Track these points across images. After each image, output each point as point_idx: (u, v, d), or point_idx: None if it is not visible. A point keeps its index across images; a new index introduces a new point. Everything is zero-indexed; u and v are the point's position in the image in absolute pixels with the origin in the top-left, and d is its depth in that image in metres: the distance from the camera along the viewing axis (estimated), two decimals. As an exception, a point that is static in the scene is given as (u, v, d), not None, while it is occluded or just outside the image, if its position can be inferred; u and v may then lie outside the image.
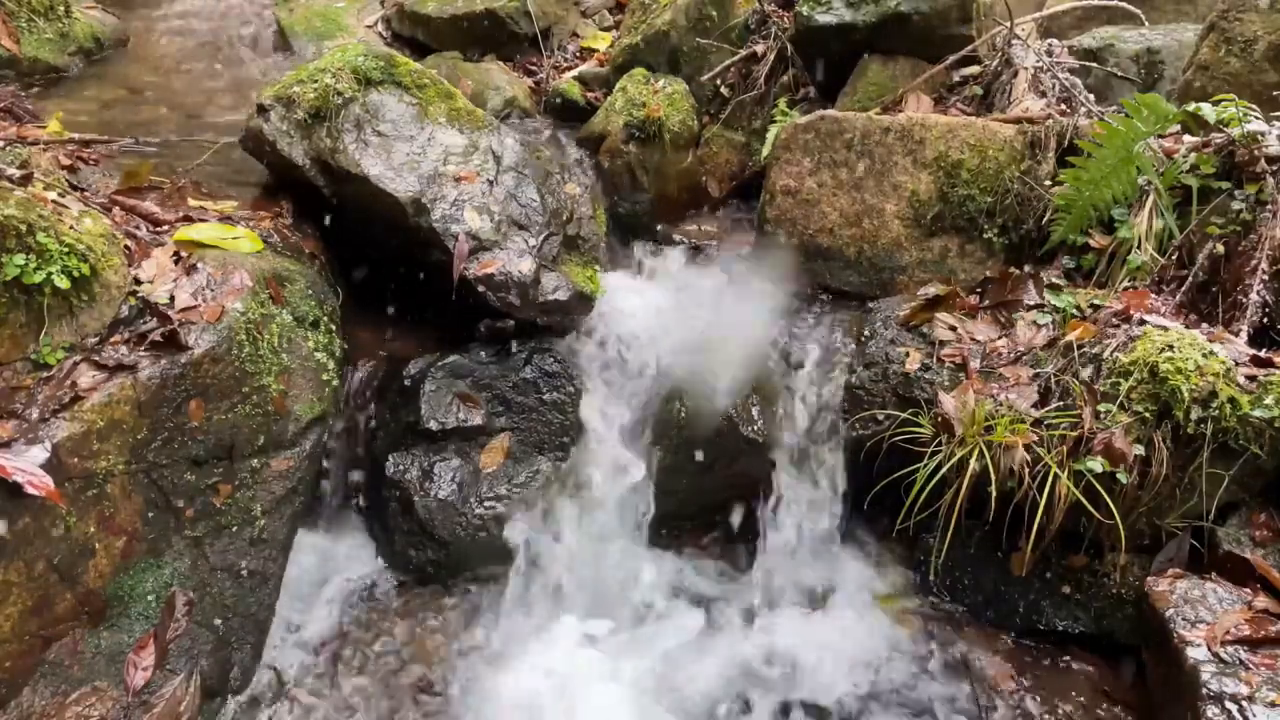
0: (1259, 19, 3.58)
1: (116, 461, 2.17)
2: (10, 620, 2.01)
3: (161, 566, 2.30)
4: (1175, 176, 3.02)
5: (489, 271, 2.91)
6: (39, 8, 4.14)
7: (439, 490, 2.88)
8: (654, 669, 2.74)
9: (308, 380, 2.59)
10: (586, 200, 3.30)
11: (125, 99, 3.99)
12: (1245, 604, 2.37)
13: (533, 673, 2.68)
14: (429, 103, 3.12)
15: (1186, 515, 2.58)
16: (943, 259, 3.30)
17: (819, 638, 2.82)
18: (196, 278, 2.41)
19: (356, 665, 2.65)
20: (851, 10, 3.67)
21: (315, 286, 2.73)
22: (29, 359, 2.13)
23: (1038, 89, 3.51)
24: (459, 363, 3.01)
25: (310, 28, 4.91)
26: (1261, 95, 3.38)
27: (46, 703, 2.09)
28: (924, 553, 2.93)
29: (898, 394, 2.89)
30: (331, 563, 2.92)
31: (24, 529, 2.00)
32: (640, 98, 3.99)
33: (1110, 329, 2.73)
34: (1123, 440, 2.50)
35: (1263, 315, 2.77)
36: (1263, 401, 2.43)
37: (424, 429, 2.92)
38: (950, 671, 2.70)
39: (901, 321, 3.03)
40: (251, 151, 3.00)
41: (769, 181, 3.47)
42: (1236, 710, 2.12)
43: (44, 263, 2.11)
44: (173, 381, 2.24)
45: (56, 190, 2.43)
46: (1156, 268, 2.96)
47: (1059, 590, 2.77)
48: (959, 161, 3.24)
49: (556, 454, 2.98)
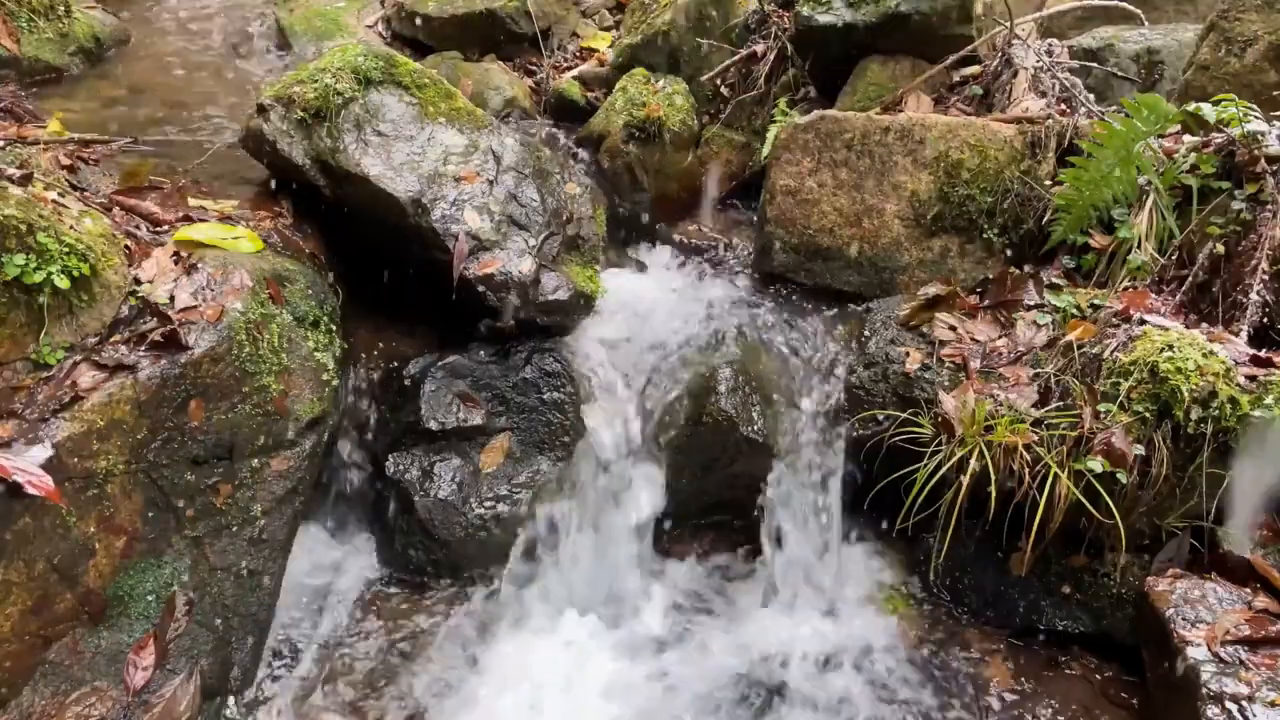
0: (1259, 19, 3.57)
1: (116, 461, 2.17)
2: (10, 620, 2.01)
3: (161, 566, 2.30)
4: (1175, 176, 3.02)
5: (489, 271, 2.91)
6: (39, 7, 4.14)
7: (439, 490, 2.88)
8: (654, 668, 2.74)
9: (308, 380, 2.59)
10: (586, 200, 3.30)
11: (125, 99, 3.99)
12: (1245, 604, 2.37)
13: (532, 672, 2.68)
14: (429, 103, 3.12)
15: (1186, 515, 2.58)
16: (943, 259, 3.30)
17: (818, 637, 2.82)
18: (196, 278, 2.41)
19: (356, 665, 2.65)
20: (851, 10, 3.67)
21: (315, 286, 2.73)
22: (29, 359, 2.13)
23: (1038, 89, 3.52)
24: (459, 363, 3.01)
25: (310, 27, 4.91)
26: (1261, 95, 3.38)
27: (46, 702, 2.09)
28: (924, 553, 2.93)
29: (898, 394, 2.89)
30: (331, 563, 2.92)
31: (24, 529, 2.00)
32: (640, 98, 3.99)
33: (1110, 329, 2.73)
34: (1123, 440, 2.50)
35: (1263, 315, 2.77)
36: (1263, 401, 2.43)
37: (424, 429, 2.92)
38: (950, 671, 2.70)
39: (901, 321, 3.03)
40: (251, 151, 3.00)
41: (769, 181, 3.47)
42: (1236, 710, 2.12)
43: (44, 263, 2.11)
44: (173, 381, 2.24)
45: (56, 190, 2.42)
46: (1156, 268, 2.97)
47: (1059, 590, 2.77)
48: (959, 161, 3.25)
49: (557, 454, 2.98)
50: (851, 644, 2.79)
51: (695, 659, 2.77)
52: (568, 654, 2.76)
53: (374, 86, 3.03)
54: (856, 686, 2.67)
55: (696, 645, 2.82)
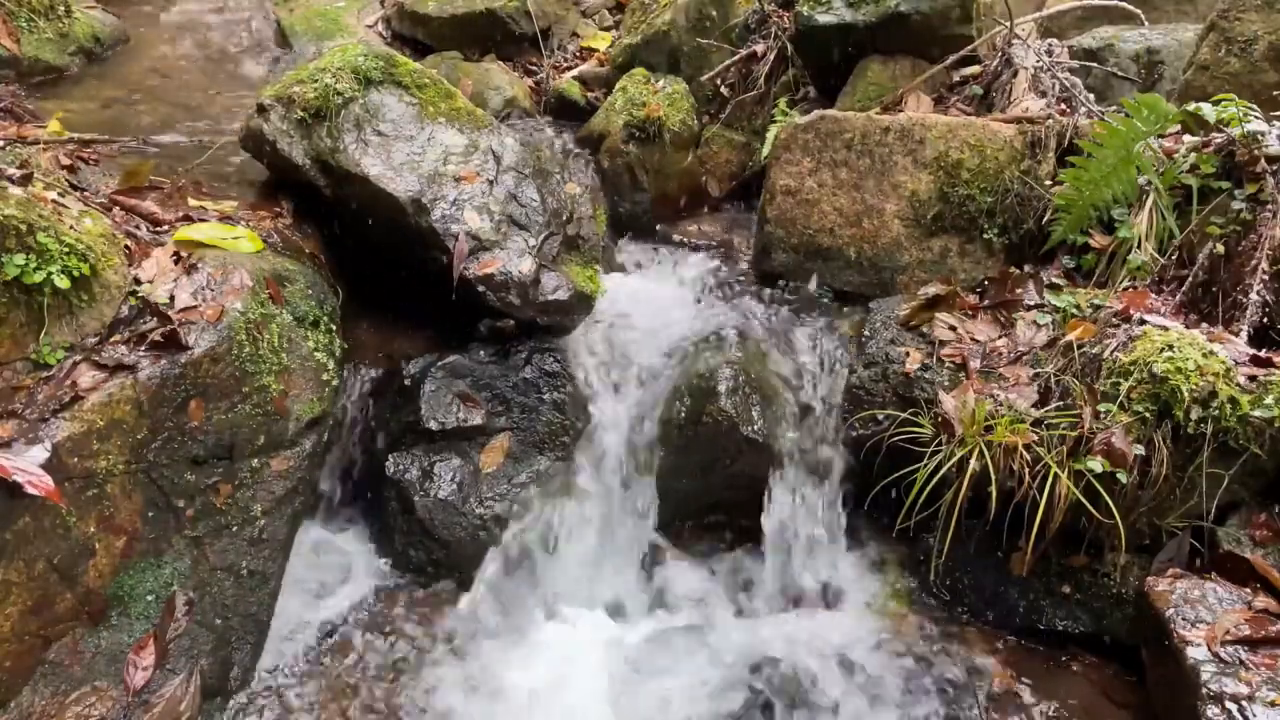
0: (1259, 19, 3.58)
1: (116, 461, 2.17)
2: (10, 620, 2.01)
3: (161, 566, 2.30)
4: (1175, 176, 3.02)
5: (489, 271, 2.91)
6: (39, 7, 4.14)
7: (439, 490, 2.88)
8: (653, 668, 2.74)
9: (307, 380, 2.59)
10: (586, 200, 3.30)
11: (125, 99, 3.99)
12: (1245, 604, 2.37)
13: (531, 672, 2.68)
14: (429, 103, 3.12)
15: (1186, 515, 2.58)
16: (943, 259, 3.30)
17: (818, 637, 2.82)
18: (196, 278, 2.41)
19: (356, 665, 2.64)
20: (851, 10, 3.67)
21: (315, 286, 2.73)
22: (29, 359, 2.13)
23: (1038, 89, 3.52)
24: (459, 363, 3.01)
25: (310, 27, 4.91)
26: (1261, 95, 3.38)
27: (46, 702, 2.09)
28: (924, 552, 2.93)
29: (898, 394, 2.89)
30: (331, 562, 2.92)
31: (24, 529, 2.00)
32: (640, 97, 4.00)
33: (1110, 329, 2.73)
34: (1123, 440, 2.50)
35: (1263, 315, 2.77)
36: (1263, 401, 2.43)
37: (424, 429, 2.92)
38: (950, 671, 2.70)
39: (901, 321, 3.03)
40: (251, 151, 3.01)
41: (769, 181, 3.47)
42: (1236, 710, 2.12)
43: (44, 263, 2.11)
44: (173, 381, 2.24)
45: (56, 190, 2.43)
46: (1156, 268, 2.96)
47: (1059, 590, 2.77)
48: (959, 161, 3.25)
49: (557, 454, 2.98)
50: (852, 643, 2.79)
51: (694, 659, 2.77)
52: (567, 653, 2.76)
53: (374, 86, 3.03)
54: (856, 686, 2.67)
55: (696, 645, 2.82)
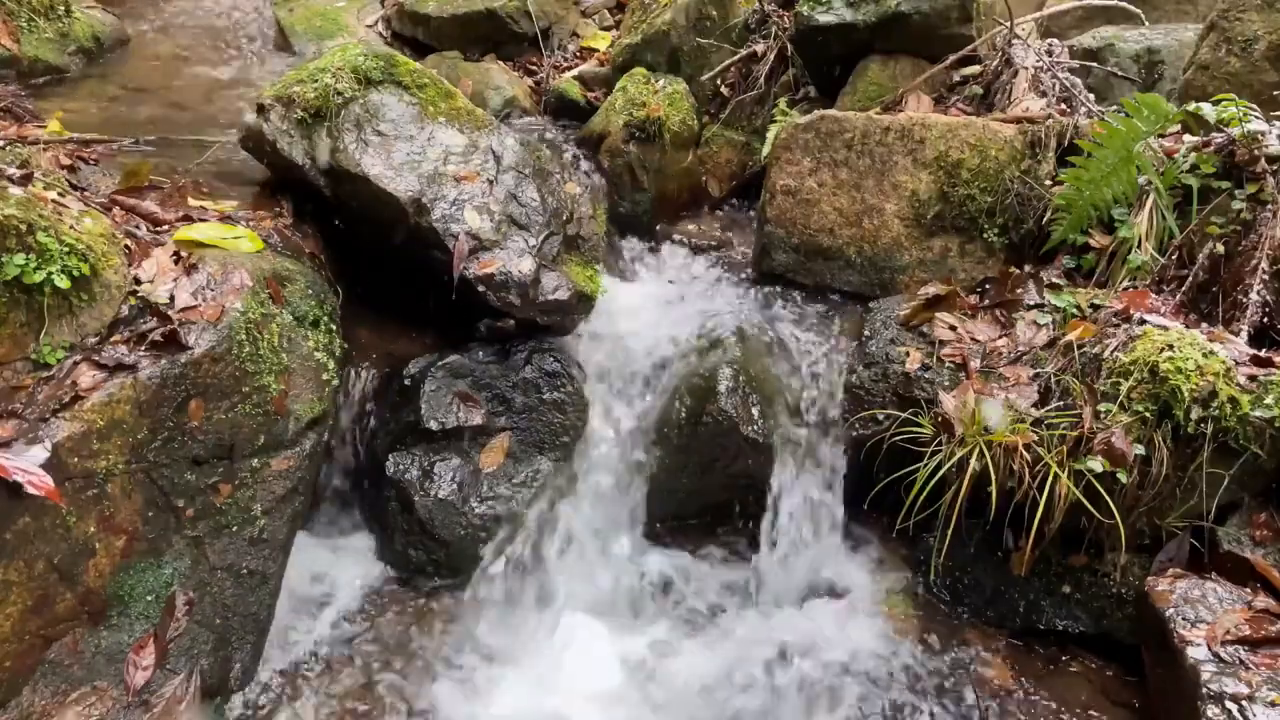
0: (1259, 18, 3.58)
1: (116, 461, 2.17)
2: (10, 620, 2.01)
3: (161, 566, 2.30)
4: (1175, 176, 3.02)
5: (489, 271, 2.91)
6: (39, 7, 4.14)
7: (439, 490, 2.88)
8: (653, 667, 2.74)
9: (308, 380, 2.59)
10: (586, 200, 3.30)
11: (125, 99, 3.99)
12: (1245, 604, 2.37)
13: (530, 671, 2.68)
14: (429, 102, 3.11)
15: (1186, 515, 2.58)
16: (943, 259, 3.30)
17: (819, 637, 2.82)
18: (196, 277, 2.41)
19: (356, 664, 2.64)
20: (851, 10, 3.67)
21: (315, 286, 2.73)
22: (29, 359, 2.13)
23: (1038, 89, 3.51)
24: (459, 362, 3.01)
25: (310, 27, 4.91)
26: (1261, 95, 3.39)
27: (46, 702, 2.09)
28: (924, 552, 2.93)
29: (898, 394, 2.89)
30: (331, 562, 2.92)
31: (24, 528, 2.00)
32: (640, 97, 3.99)
33: (1110, 329, 2.73)
34: (1123, 440, 2.50)
35: (1263, 315, 2.77)
36: (1263, 401, 2.43)
37: (424, 429, 2.92)
38: (950, 671, 2.70)
39: (901, 321, 3.03)
40: (251, 151, 3.01)
41: (769, 181, 3.47)
42: (1236, 710, 2.12)
43: (44, 262, 2.11)
44: (173, 381, 2.24)
45: (56, 190, 2.42)
46: (1156, 267, 2.96)
47: (1059, 590, 2.77)
48: (959, 161, 3.24)
49: (557, 453, 2.98)
50: (852, 643, 2.79)
51: (694, 658, 2.77)
52: (566, 653, 2.76)
53: (374, 86, 3.03)
54: (856, 686, 2.67)
55: (695, 644, 2.82)
